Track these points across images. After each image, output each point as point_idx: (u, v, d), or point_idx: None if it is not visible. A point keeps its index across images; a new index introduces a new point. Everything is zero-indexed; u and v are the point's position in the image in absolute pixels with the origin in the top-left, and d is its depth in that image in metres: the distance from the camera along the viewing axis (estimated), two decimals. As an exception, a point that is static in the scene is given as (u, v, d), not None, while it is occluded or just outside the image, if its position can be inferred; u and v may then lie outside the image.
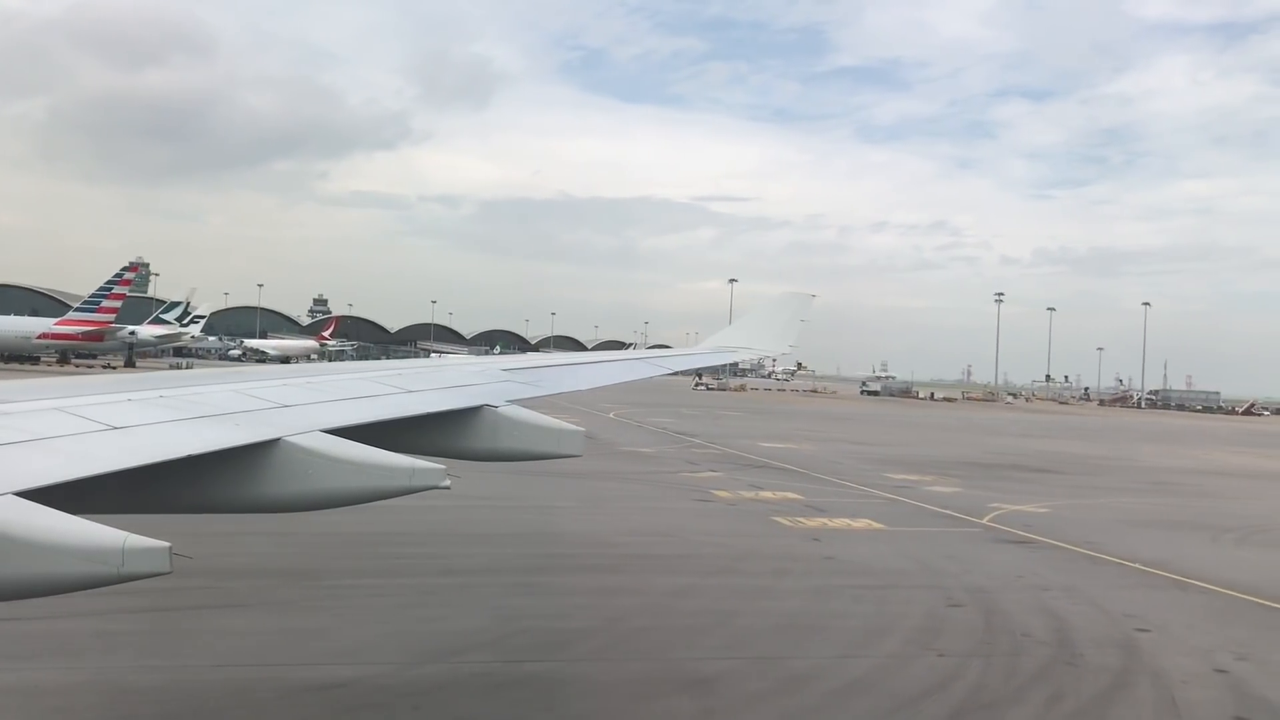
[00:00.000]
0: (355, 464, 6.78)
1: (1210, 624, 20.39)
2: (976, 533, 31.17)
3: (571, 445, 9.23)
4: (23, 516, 4.74)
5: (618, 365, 15.26)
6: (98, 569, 4.77)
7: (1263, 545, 31.47)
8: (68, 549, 4.74)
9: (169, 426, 6.72)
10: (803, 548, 27.08)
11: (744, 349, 17.70)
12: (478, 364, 13.33)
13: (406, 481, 6.86)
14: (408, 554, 23.42)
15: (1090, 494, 44.16)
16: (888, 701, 14.78)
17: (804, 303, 19.11)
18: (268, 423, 7.17)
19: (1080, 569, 25.77)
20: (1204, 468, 64.16)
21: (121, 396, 7.28)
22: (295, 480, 6.70)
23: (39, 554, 4.68)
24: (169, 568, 4.90)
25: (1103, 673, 16.59)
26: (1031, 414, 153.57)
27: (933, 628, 19.14)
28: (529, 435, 9.07)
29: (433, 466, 7.00)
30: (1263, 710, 15.09)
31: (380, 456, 6.90)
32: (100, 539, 4.83)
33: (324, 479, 6.73)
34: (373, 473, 6.81)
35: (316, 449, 6.79)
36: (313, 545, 22.55)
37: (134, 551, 4.82)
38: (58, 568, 4.74)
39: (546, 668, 15.69)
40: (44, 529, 4.73)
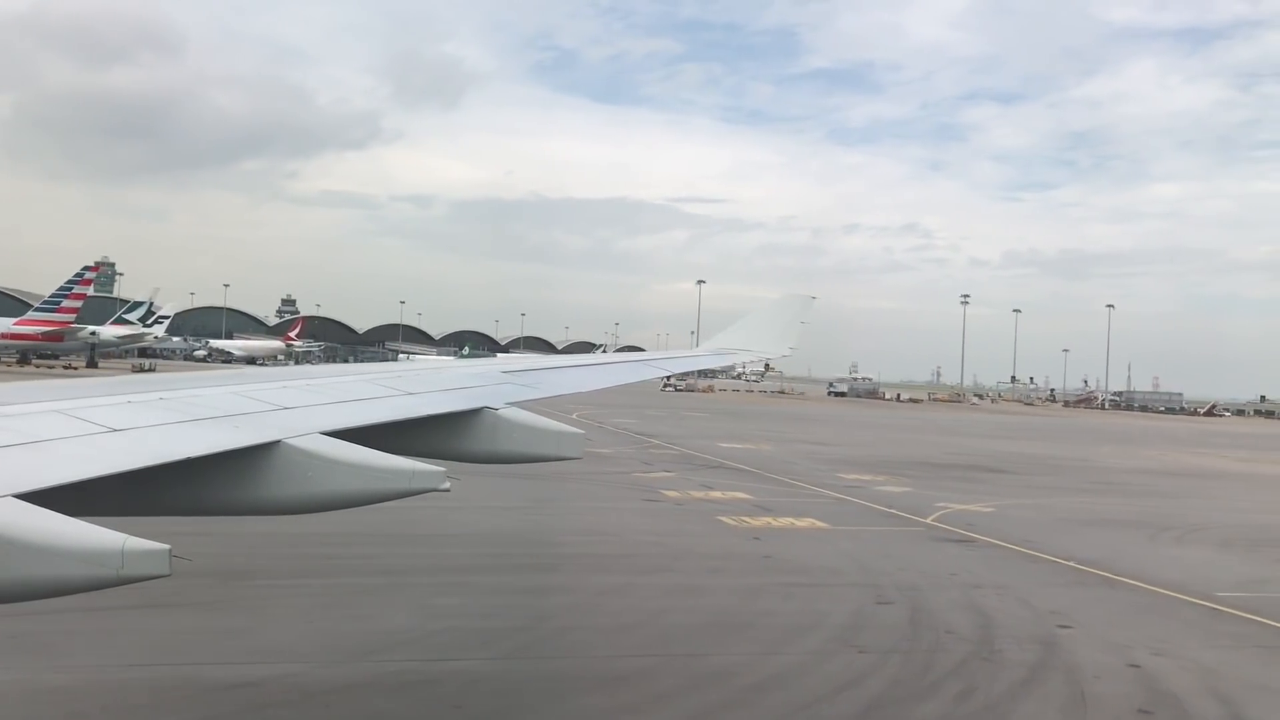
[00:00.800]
0: (355, 466, 6.78)
1: (1132, 621, 20.71)
2: (918, 532, 31.47)
3: (571, 447, 9.24)
4: (22, 519, 4.72)
5: (619, 367, 15.28)
6: (97, 571, 4.76)
7: (1199, 544, 31.94)
8: (67, 551, 4.73)
9: (169, 429, 6.72)
10: (742, 546, 27.26)
11: (744, 351, 17.74)
12: (477, 366, 13.33)
13: (406, 484, 6.85)
14: (345, 554, 23.35)
15: (1039, 494, 44.65)
16: (800, 697, 14.94)
17: (804, 305, 19.19)
18: (267, 425, 7.17)
19: (1014, 567, 26.10)
20: (1157, 468, 64.99)
21: (121, 399, 7.26)
22: (295, 483, 6.69)
23: (39, 556, 4.66)
24: (169, 570, 4.89)
25: (1018, 668, 16.84)
26: (995, 415, 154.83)
27: (858, 625, 19.35)
28: (529, 437, 9.06)
29: (432, 469, 6.99)
30: (1168, 704, 15.36)
31: (380, 459, 6.90)
32: (100, 541, 4.82)
33: (324, 481, 6.71)
34: (372, 475, 6.80)
35: (316, 451, 6.79)
36: (252, 545, 22.44)
37: (133, 554, 4.81)
38: (57, 570, 4.73)
39: (463, 666, 15.76)
40: (44, 531, 4.72)
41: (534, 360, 14.05)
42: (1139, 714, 14.81)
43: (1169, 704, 15.35)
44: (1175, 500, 45.22)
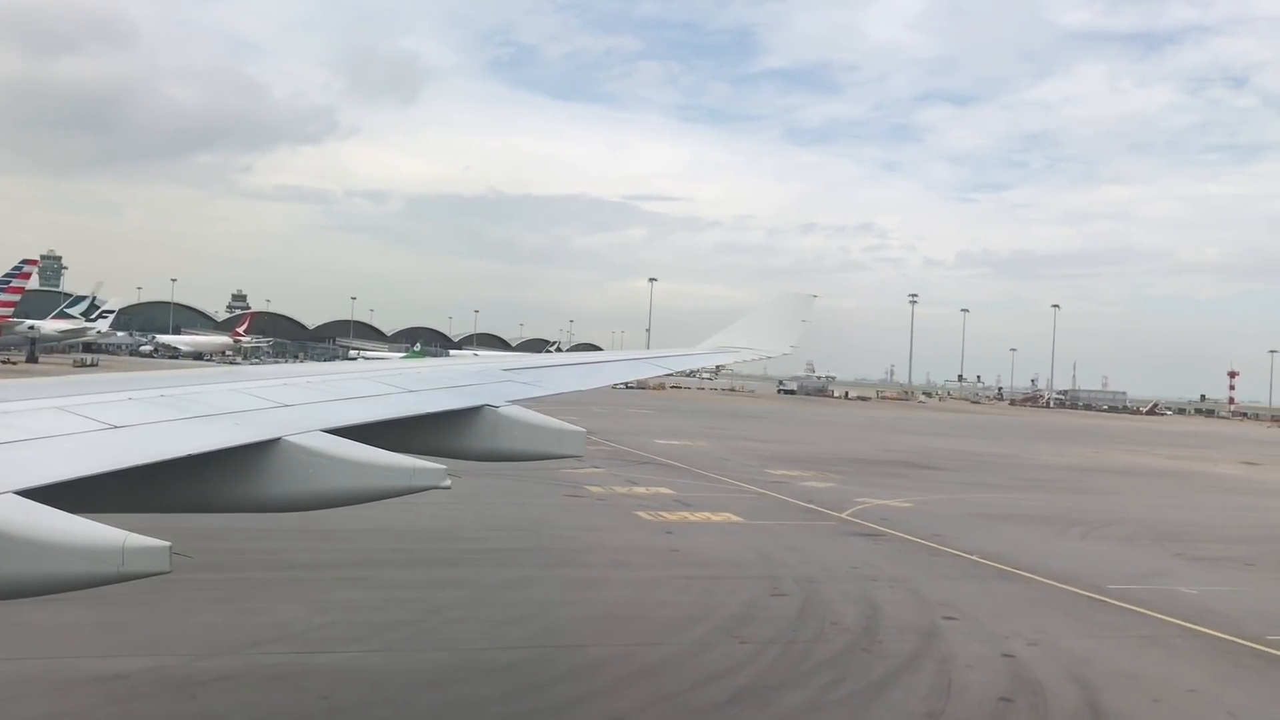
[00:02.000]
0: (356, 464, 6.75)
1: (1018, 612, 21.22)
2: (831, 526, 31.94)
3: (572, 445, 9.19)
4: (23, 515, 4.72)
5: (621, 365, 15.30)
6: (98, 568, 4.77)
7: (1105, 538, 32.69)
8: (68, 548, 4.73)
9: (169, 426, 6.70)
10: (652, 541, 27.54)
11: (744, 349, 17.67)
12: (478, 363, 13.28)
13: (407, 481, 6.84)
14: (252, 549, 23.23)
15: (962, 489, 45.37)
16: (668, 687, 15.20)
17: (805, 303, 19.21)
18: (268, 422, 7.14)
19: (916, 560, 26.59)
20: (1085, 465, 66.16)
21: (122, 396, 7.24)
22: (296, 480, 6.68)
23: (39, 553, 4.66)
24: (169, 567, 4.90)
25: (893, 658, 17.23)
26: (940, 413, 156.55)
27: (747, 616, 19.67)
28: (529, 435, 9.04)
29: (433, 466, 6.99)
30: (1030, 691, 15.79)
31: (381, 456, 6.88)
32: (100, 538, 4.81)
33: (324, 479, 6.70)
34: (373, 473, 6.78)
35: (317, 449, 6.76)
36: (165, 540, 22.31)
37: (134, 551, 4.82)
38: (58, 567, 4.72)
39: (340, 658, 15.85)
40: (44, 528, 4.71)
41: (535, 359, 14.07)
42: (999, 702, 15.22)
43: (1031, 691, 15.79)
44: (1094, 496, 46.14)
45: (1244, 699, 15.99)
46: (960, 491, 44.45)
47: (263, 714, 13.48)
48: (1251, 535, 35.38)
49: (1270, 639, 19.69)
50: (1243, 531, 36.37)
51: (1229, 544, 32.74)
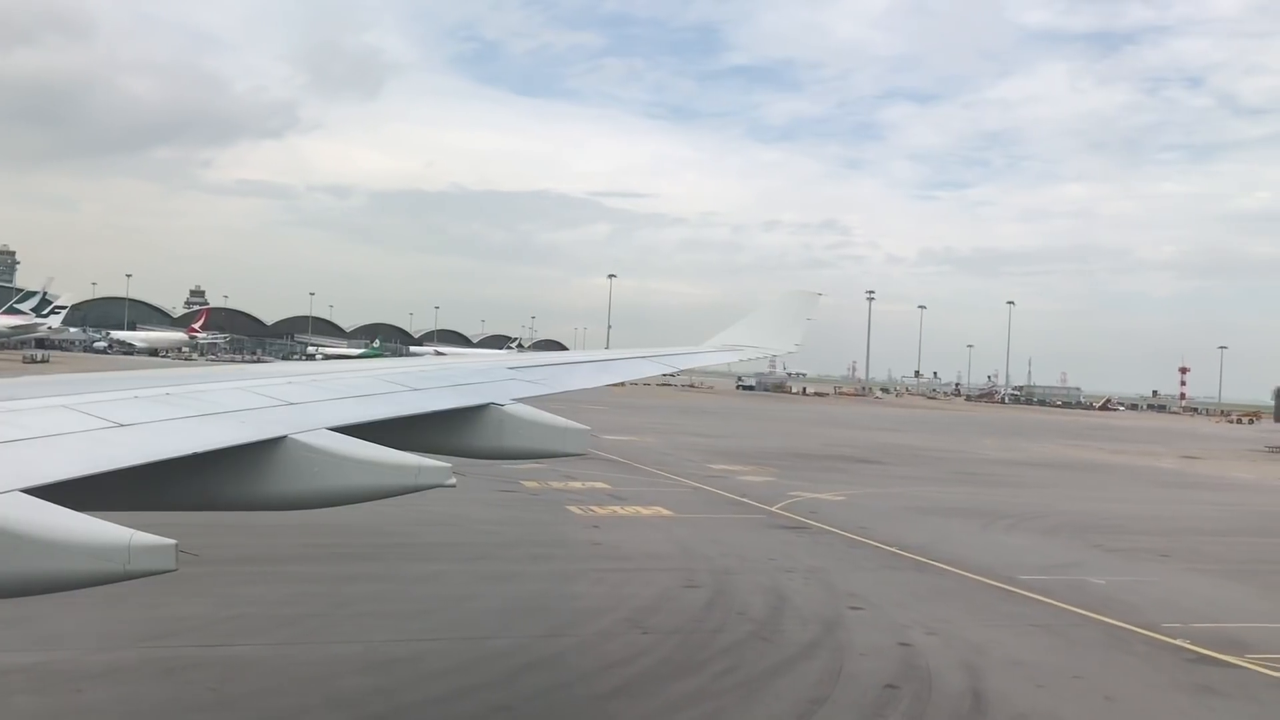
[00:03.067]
0: (361, 462, 6.77)
1: (925, 602, 21.59)
2: (758, 519, 32.26)
3: (576, 443, 9.22)
4: (30, 514, 4.72)
5: (626, 364, 15.33)
6: (104, 566, 4.77)
7: (1028, 531, 33.25)
8: (74, 546, 4.73)
9: (175, 424, 6.70)
10: (577, 534, 27.71)
11: (750, 347, 17.78)
12: (483, 362, 13.29)
13: (413, 480, 6.87)
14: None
15: (898, 483, 45.91)
16: (562, 676, 15.43)
17: (810, 301, 19.32)
18: (274, 420, 7.15)
19: (835, 552, 26.95)
20: (1028, 459, 67.09)
21: (128, 394, 7.25)
22: (302, 478, 6.70)
23: (46, 551, 4.66)
24: (175, 565, 4.89)
25: (791, 647, 17.53)
26: (894, 409, 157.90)
27: (655, 607, 19.89)
28: (534, 433, 9.10)
29: (438, 464, 7.04)
30: (917, 678, 16.12)
31: (386, 455, 6.91)
32: (106, 536, 4.81)
33: (330, 477, 6.72)
34: (379, 471, 6.81)
35: (323, 447, 6.78)
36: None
37: (140, 549, 4.81)
38: (64, 565, 4.73)
39: (236, 651, 15.90)
40: (51, 526, 4.72)
41: (541, 357, 14.02)
42: (885, 688, 15.53)
43: (918, 678, 16.12)
44: (1029, 490, 46.85)
45: (1125, 684, 16.40)
46: (897, 485, 44.98)
47: (146, 706, 13.52)
48: (1173, 528, 36.12)
49: (1165, 627, 20.19)
50: (1165, 524, 37.11)
51: (1149, 536, 33.42)
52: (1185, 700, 15.75)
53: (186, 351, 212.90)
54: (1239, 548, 32.46)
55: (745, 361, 19.24)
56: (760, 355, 18.08)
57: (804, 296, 19.45)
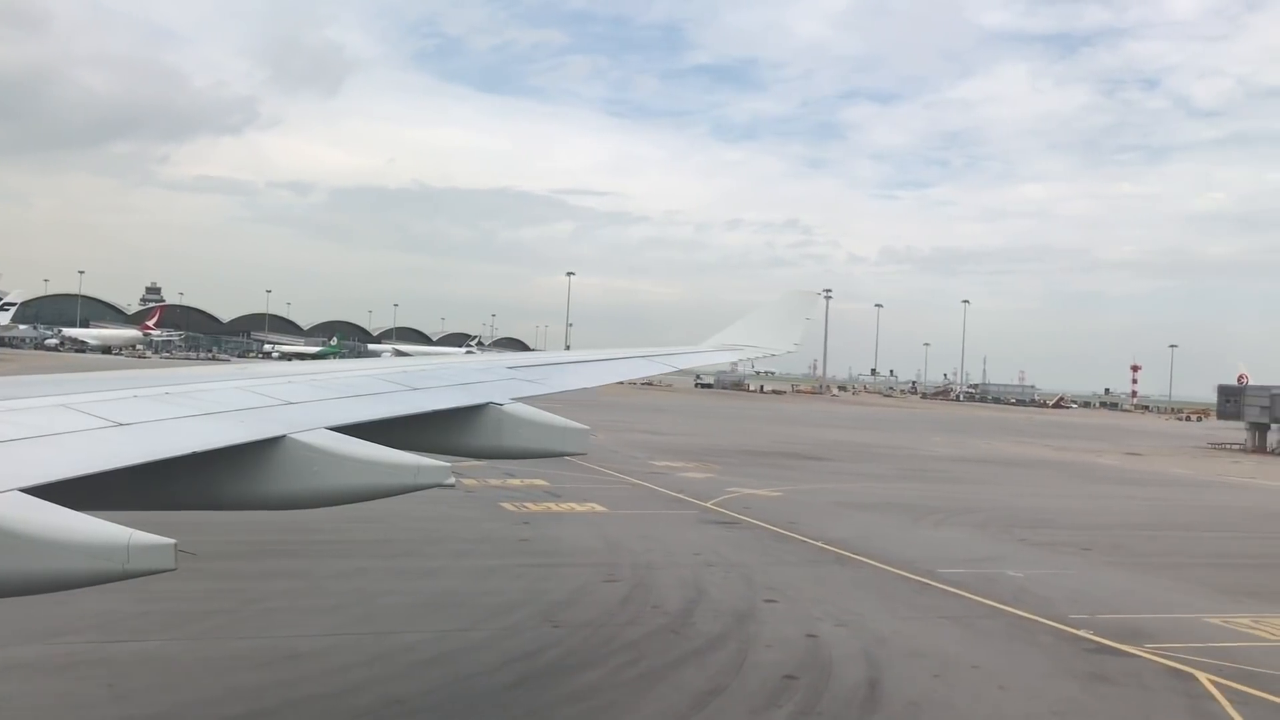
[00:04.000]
0: (360, 461, 6.79)
1: (840, 595, 21.90)
2: (692, 515, 32.50)
3: (576, 443, 9.29)
4: (28, 513, 4.72)
5: (625, 363, 15.29)
6: (103, 565, 4.79)
7: (957, 525, 33.73)
8: (73, 546, 4.73)
9: (174, 423, 6.70)
10: (506, 531, 27.79)
11: (749, 346, 17.80)
12: (482, 361, 13.28)
13: (412, 479, 6.90)
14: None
15: (839, 479, 46.36)
16: (465, 669, 15.54)
17: (810, 301, 19.35)
18: (273, 420, 7.14)
19: (761, 547, 27.24)
20: (972, 456, 67.91)
21: (127, 393, 7.24)
22: (301, 477, 6.71)
23: (44, 550, 4.66)
24: (174, 564, 4.89)
25: (699, 639, 17.75)
26: (850, 407, 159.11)
27: (571, 601, 20.05)
28: (534, 433, 9.12)
29: (438, 464, 7.07)
30: (816, 669, 16.36)
31: (385, 454, 6.92)
32: (105, 536, 4.82)
33: (329, 476, 6.72)
34: (378, 470, 6.82)
35: (322, 446, 6.79)
36: None
37: (139, 548, 4.83)
38: (63, 564, 4.73)
39: (140, 647, 15.85)
40: (49, 525, 4.72)
41: (541, 357, 13.98)
42: (784, 679, 15.78)
43: (818, 669, 16.38)
44: (967, 485, 47.47)
45: (1020, 674, 16.76)
46: (837, 481, 45.42)
47: (37, 701, 13.49)
48: (1100, 522, 36.77)
49: (1072, 618, 20.61)
50: (1094, 519, 37.78)
51: (1075, 530, 34.03)
52: (1075, 688, 16.11)
53: (140, 349, 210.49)
54: (1161, 541, 33.15)
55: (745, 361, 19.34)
56: (759, 355, 18.17)
57: (804, 296, 19.53)
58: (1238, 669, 17.39)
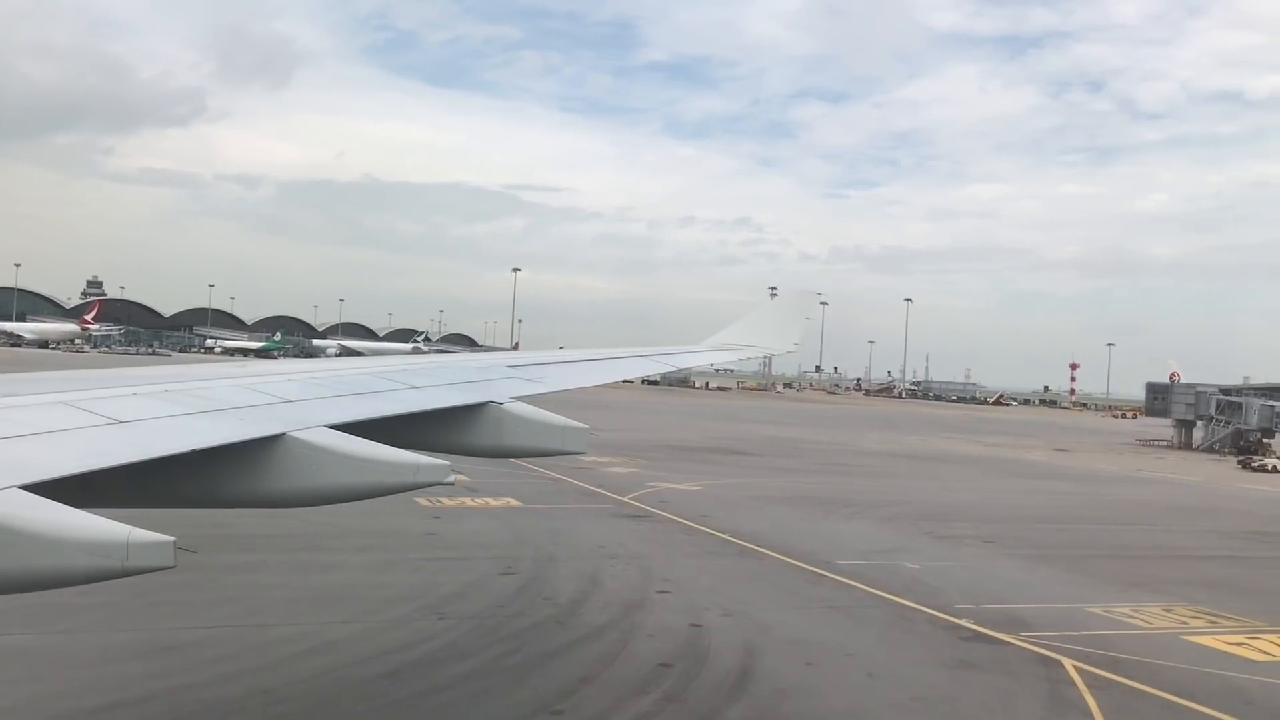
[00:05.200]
0: (360, 460, 6.79)
1: (734, 586, 22.26)
2: (606, 509, 32.75)
3: (575, 441, 9.30)
4: (27, 510, 4.71)
5: (625, 363, 15.26)
6: (102, 563, 4.78)
7: (869, 518, 34.32)
8: (72, 543, 4.72)
9: (174, 421, 6.69)
10: (414, 526, 27.82)
11: (749, 346, 17.79)
12: (482, 360, 13.22)
13: (411, 477, 6.90)
14: None
15: (762, 474, 46.87)
16: (339, 660, 15.63)
17: (810, 302, 19.38)
18: (273, 417, 7.14)
19: (667, 540, 27.55)
20: (902, 451, 68.90)
21: (127, 390, 7.23)
22: (300, 475, 6.70)
23: (43, 548, 4.66)
24: (173, 562, 4.91)
25: (582, 630, 17.99)
26: (793, 403, 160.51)
27: (462, 594, 20.20)
28: (533, 432, 9.14)
29: (437, 462, 7.07)
30: (694, 657, 16.66)
31: (385, 452, 6.93)
32: (104, 533, 4.82)
33: (329, 474, 6.72)
34: (377, 468, 6.83)
35: (321, 444, 6.79)
36: None
37: (138, 546, 4.82)
38: (62, 561, 4.73)
39: (10, 641, 15.78)
40: (48, 523, 4.71)
41: (540, 356, 13.94)
42: (658, 667, 16.05)
43: (694, 658, 16.68)
44: (889, 480, 48.24)
45: (892, 662, 17.19)
46: (760, 476, 45.92)
47: (-107, 695, 13.43)
48: (1010, 515, 37.60)
49: (957, 608, 21.13)
50: (1005, 512, 38.61)
51: (983, 523, 34.77)
52: (941, 675, 16.56)
53: (79, 344, 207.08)
54: (1066, 534, 33.99)
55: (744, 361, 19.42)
56: (759, 354, 18.30)
57: (803, 296, 19.70)
58: (1104, 655, 17.96)
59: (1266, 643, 19.91)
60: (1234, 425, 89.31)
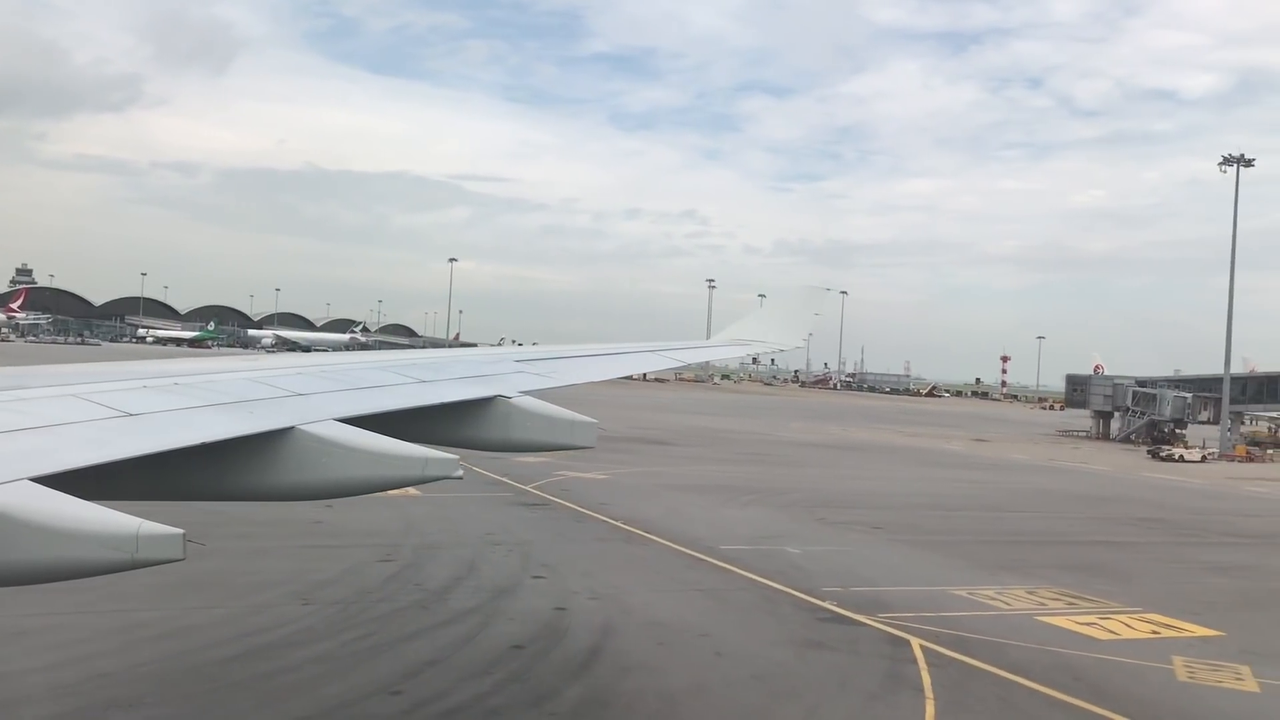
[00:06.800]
0: (369, 453, 6.78)
1: (610, 571, 22.63)
2: (506, 498, 32.99)
3: (584, 436, 9.26)
4: (38, 502, 4.71)
5: (633, 357, 15.10)
6: (112, 555, 4.78)
7: (767, 505, 34.92)
8: (83, 535, 4.72)
9: (184, 414, 6.65)
10: (304, 513, 27.64)
11: (758, 342, 17.66)
12: (491, 354, 13.13)
13: (420, 471, 6.90)
14: None
15: (674, 463, 47.35)
16: (186, 646, 15.74)
17: (819, 296, 19.32)
18: (282, 411, 7.11)
19: (557, 527, 27.88)
20: (822, 441, 69.87)
21: (137, 384, 7.21)
22: (309, 469, 6.69)
23: (54, 540, 4.65)
24: (183, 554, 4.91)
25: (445, 614, 18.23)
26: (729, 394, 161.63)
27: (333, 581, 20.32)
28: (541, 426, 9.12)
29: (445, 456, 7.05)
30: (548, 639, 17.00)
31: (394, 446, 6.91)
32: (115, 525, 4.82)
33: (338, 468, 6.72)
34: (386, 462, 6.81)
35: (330, 438, 6.77)
36: None
37: (148, 538, 4.82)
38: (73, 554, 4.73)
39: None
40: (59, 515, 4.71)
41: (549, 350, 13.87)
42: (510, 649, 16.36)
43: (548, 639, 17.02)
44: (799, 468, 48.99)
45: (744, 642, 17.66)
46: (672, 465, 46.39)
47: None
48: (906, 503, 38.43)
49: (823, 591, 21.66)
50: (902, 500, 39.45)
51: (877, 510, 35.53)
52: (788, 654, 17.06)
53: (4, 332, 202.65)
54: (955, 521, 34.85)
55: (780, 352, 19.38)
56: (769, 350, 18.45)
57: (812, 291, 19.78)
58: (954, 635, 18.58)
59: (1116, 623, 20.69)
60: (1148, 416, 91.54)
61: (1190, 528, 37.09)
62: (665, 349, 16.17)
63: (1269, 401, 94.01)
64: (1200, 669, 17.47)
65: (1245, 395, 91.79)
